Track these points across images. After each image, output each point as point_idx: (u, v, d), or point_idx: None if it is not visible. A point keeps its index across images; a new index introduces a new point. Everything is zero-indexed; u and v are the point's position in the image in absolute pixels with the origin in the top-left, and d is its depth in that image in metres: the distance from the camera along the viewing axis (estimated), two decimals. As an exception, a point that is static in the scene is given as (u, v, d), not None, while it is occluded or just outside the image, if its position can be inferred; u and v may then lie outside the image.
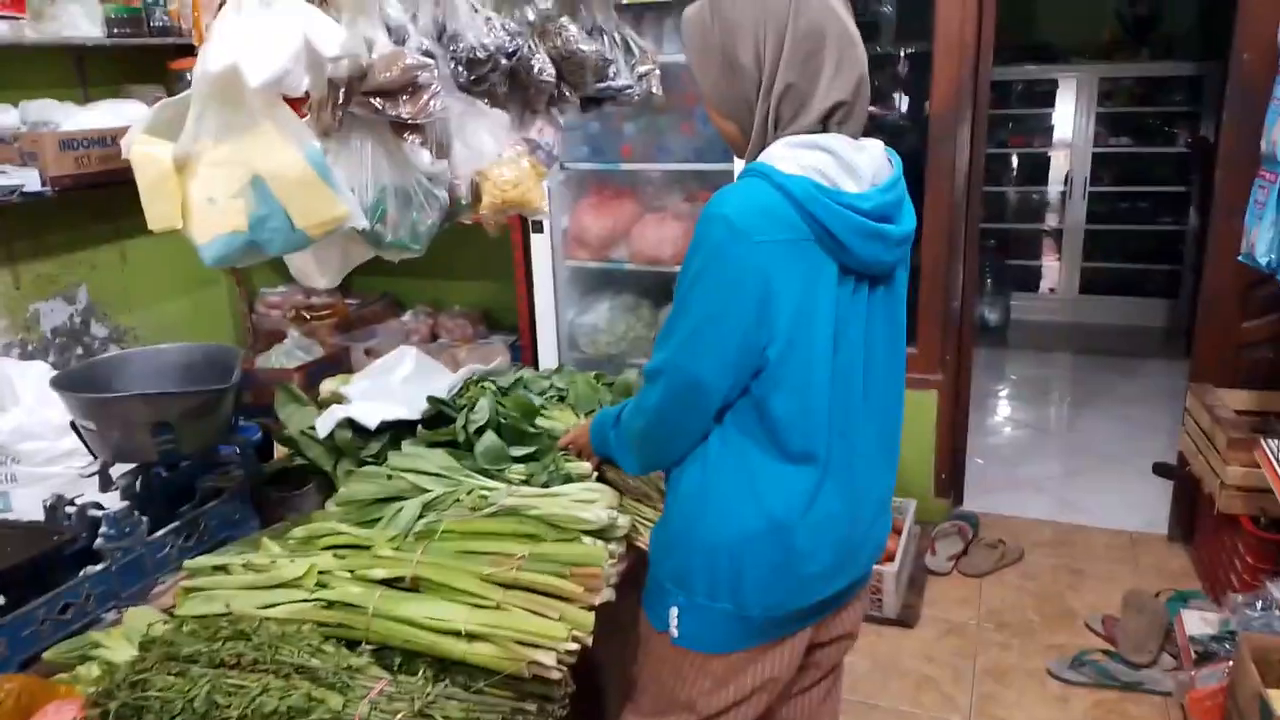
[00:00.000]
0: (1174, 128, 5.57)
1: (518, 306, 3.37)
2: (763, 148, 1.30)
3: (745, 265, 1.22)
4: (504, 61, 1.44)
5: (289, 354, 3.27)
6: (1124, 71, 5.56)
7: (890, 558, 3.07)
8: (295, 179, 1.13)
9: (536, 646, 1.28)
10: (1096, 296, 5.91)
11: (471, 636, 1.28)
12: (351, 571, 1.38)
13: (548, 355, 3.30)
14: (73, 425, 1.62)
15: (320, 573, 1.38)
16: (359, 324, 3.73)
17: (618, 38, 1.81)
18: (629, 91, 1.81)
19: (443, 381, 1.84)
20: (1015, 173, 6.18)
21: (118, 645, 1.28)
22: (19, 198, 2.59)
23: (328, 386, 1.87)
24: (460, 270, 3.91)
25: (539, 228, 3.05)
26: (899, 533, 3.20)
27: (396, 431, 1.78)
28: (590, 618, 1.34)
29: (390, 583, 1.37)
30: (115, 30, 2.82)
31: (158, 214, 1.12)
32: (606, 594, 1.50)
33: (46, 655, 1.33)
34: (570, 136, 3.16)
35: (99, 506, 1.55)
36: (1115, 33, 5.63)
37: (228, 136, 1.11)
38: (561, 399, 1.86)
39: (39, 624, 1.37)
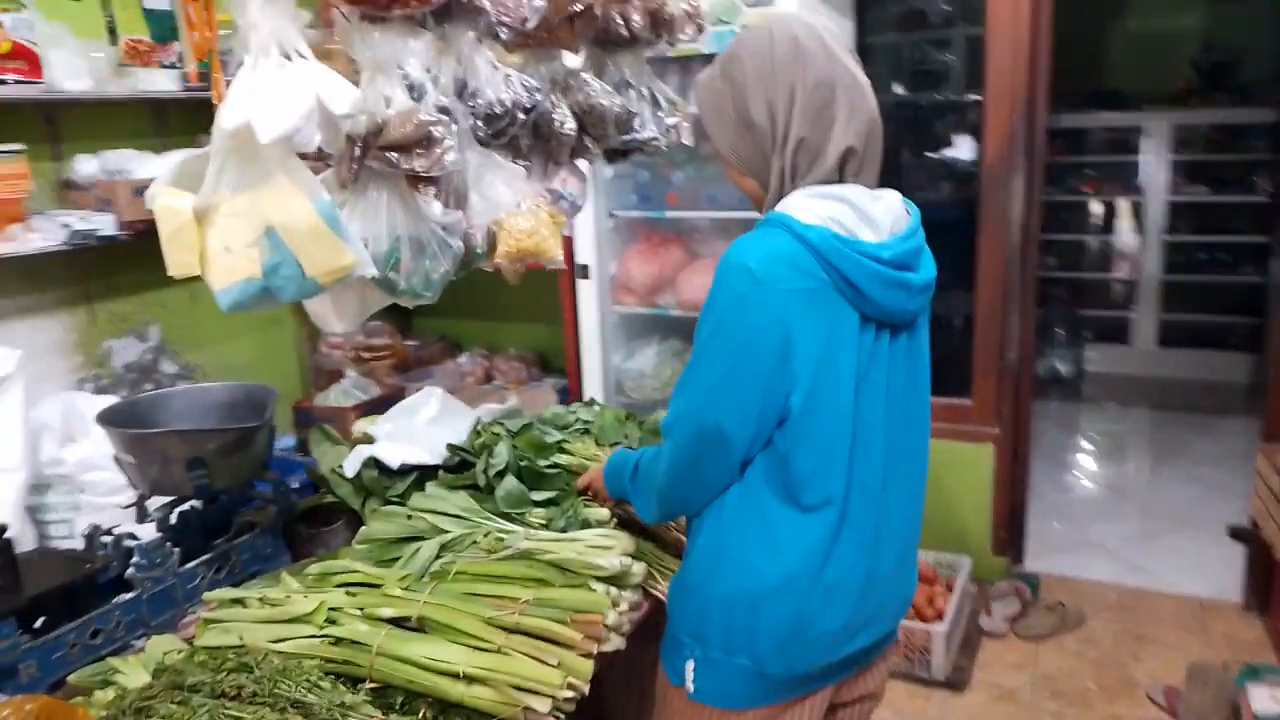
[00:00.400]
0: (1254, 176, 5.38)
1: (565, 350, 3.42)
2: (780, 199, 1.32)
3: (767, 313, 1.23)
4: (521, 116, 1.49)
5: (346, 393, 3.37)
6: (1200, 118, 5.41)
7: (940, 616, 2.99)
8: (306, 229, 1.18)
9: (533, 693, 1.28)
10: (1176, 349, 5.68)
11: (470, 679, 1.29)
12: (361, 609, 1.41)
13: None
14: (115, 459, 1.70)
15: (331, 609, 1.41)
16: (416, 365, 3.83)
17: (645, 91, 1.85)
18: (655, 142, 1.84)
19: (466, 423, 1.88)
20: (1087, 221, 6.03)
21: (134, 671, 1.33)
22: (96, 241, 2.75)
23: (359, 427, 1.93)
24: (516, 313, 3.99)
25: (585, 273, 3.10)
26: (951, 590, 3.12)
27: (422, 472, 1.82)
28: (589, 665, 1.34)
29: (398, 622, 1.39)
30: (189, 84, 2.99)
31: (177, 262, 1.19)
32: (616, 642, 1.50)
33: (71, 678, 1.39)
34: (619, 184, 3.22)
35: (134, 537, 1.62)
36: (1190, 80, 5.50)
37: (244, 189, 1.17)
38: (586, 431, 1.88)
39: (69, 648, 1.43)
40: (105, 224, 2.73)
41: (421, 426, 1.87)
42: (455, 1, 1.39)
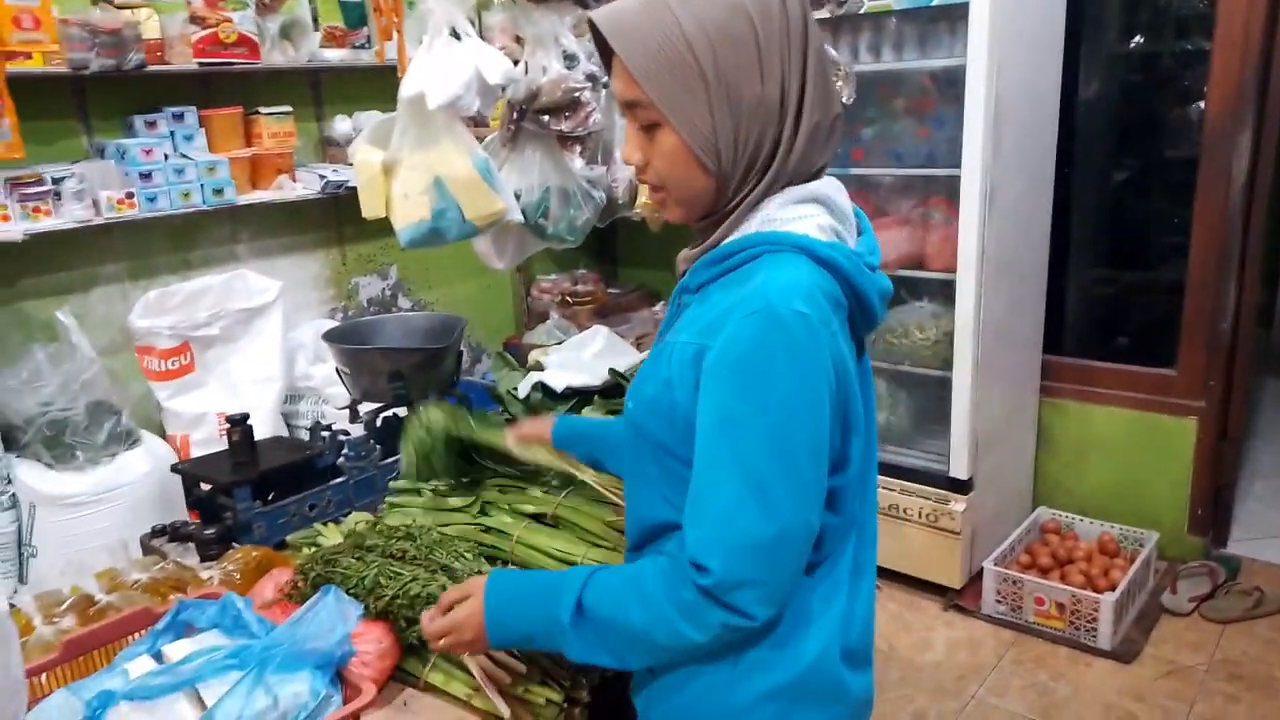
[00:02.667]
0: None
1: (749, 302, 3.57)
2: (734, 210, 1.03)
3: (829, 365, 0.97)
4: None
5: (549, 333, 3.71)
6: None
7: (1113, 587, 2.92)
8: (465, 180, 1.43)
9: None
10: None
11: (588, 569, 1.52)
12: (509, 505, 1.67)
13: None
14: (337, 370, 2.07)
15: (485, 503, 1.68)
16: (615, 311, 4.11)
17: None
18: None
19: (628, 358, 2.10)
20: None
21: (331, 535, 1.67)
22: (345, 191, 3.21)
23: (534, 356, 2.19)
24: (712, 266, 4.18)
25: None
26: (1131, 563, 3.03)
27: (581, 398, 2.07)
28: (689, 567, 1.52)
29: (537, 517, 1.64)
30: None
31: (369, 205, 1.47)
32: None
33: (289, 538, 1.75)
34: (808, 142, 3.30)
35: (347, 434, 1.98)
36: None
37: (419, 147, 1.44)
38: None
39: (290, 516, 1.81)
40: (354, 176, 3.18)
41: (587, 359, 2.10)
42: (610, -21, 1.59)
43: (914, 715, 2.66)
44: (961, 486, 3.06)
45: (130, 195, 2.71)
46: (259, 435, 1.92)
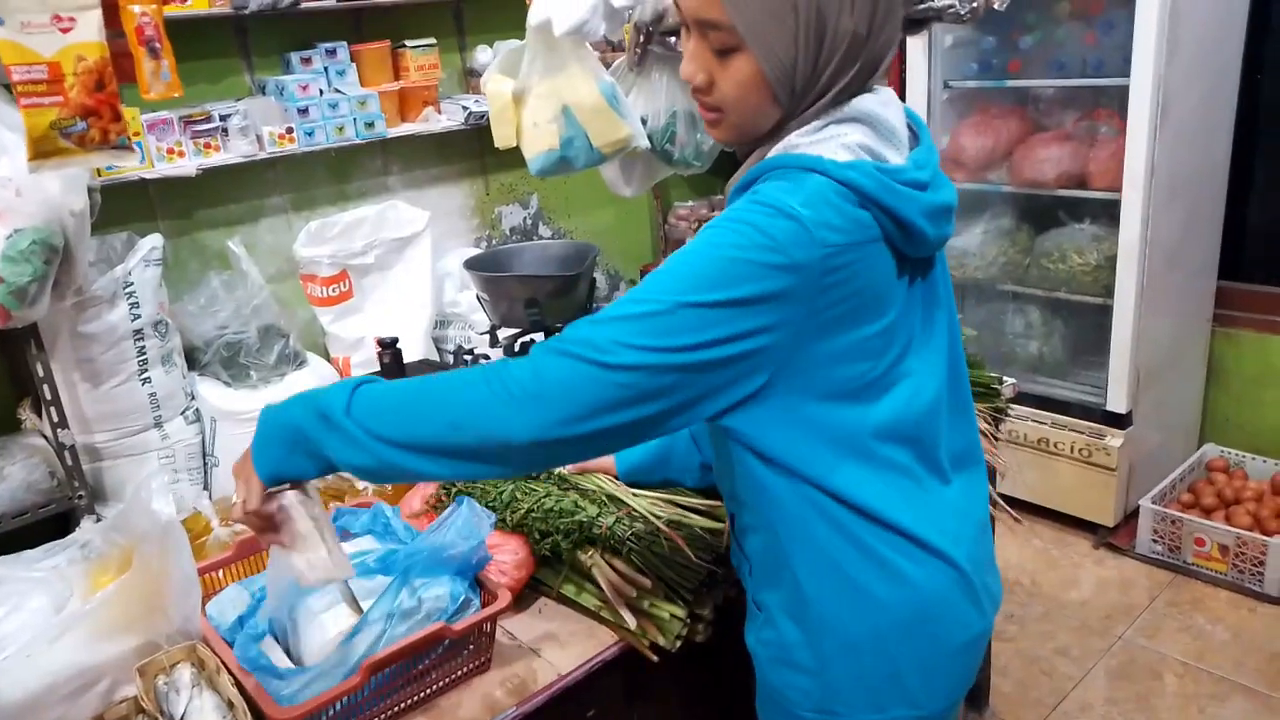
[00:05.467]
0: None
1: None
2: (773, 137, 1.00)
3: (801, 265, 0.92)
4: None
5: (686, 259, 3.71)
6: None
7: (1284, 530, 2.73)
8: (591, 107, 1.44)
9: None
10: None
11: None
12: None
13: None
14: (477, 297, 2.15)
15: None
16: (755, 237, 4.06)
17: (945, -41, 1.84)
18: (952, 10, 1.84)
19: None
20: None
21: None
22: (487, 121, 3.26)
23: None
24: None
25: (915, 148, 3.08)
26: (1308, 506, 2.82)
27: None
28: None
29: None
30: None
31: (500, 135, 1.51)
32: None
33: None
34: (961, 53, 3.12)
35: (486, 357, 2.06)
36: None
37: (547, 74, 1.45)
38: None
39: (436, 434, 1.91)
40: (492, 105, 3.24)
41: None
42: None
43: (1056, 651, 2.59)
44: (1119, 420, 2.91)
45: (290, 130, 2.85)
46: (410, 358, 2.02)
